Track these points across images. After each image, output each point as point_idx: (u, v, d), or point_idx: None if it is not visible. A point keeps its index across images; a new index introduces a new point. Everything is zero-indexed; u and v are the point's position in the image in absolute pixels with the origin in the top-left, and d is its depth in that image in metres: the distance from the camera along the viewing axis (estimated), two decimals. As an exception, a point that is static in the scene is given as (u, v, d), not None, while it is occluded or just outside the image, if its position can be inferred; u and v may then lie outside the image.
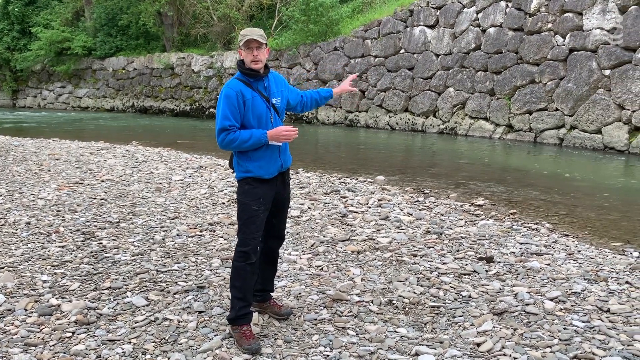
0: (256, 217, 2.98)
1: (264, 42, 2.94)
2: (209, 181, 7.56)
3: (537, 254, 4.61)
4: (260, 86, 3.02)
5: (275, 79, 3.15)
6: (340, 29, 19.03)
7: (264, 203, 3.00)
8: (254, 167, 2.99)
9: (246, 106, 2.95)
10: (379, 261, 4.37)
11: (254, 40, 2.91)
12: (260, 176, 2.99)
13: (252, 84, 3.00)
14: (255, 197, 2.98)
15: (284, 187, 3.16)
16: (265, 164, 2.99)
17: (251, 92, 2.97)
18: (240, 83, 2.99)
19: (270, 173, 3.01)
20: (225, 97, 2.92)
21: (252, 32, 2.94)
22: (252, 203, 2.98)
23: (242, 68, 3.00)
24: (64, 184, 7.17)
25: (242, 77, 3.00)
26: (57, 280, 3.83)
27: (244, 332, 2.93)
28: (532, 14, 13.69)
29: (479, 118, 15.00)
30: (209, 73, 22.27)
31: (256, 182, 3.00)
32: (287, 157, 3.16)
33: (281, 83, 3.18)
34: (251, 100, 2.96)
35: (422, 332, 3.16)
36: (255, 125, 2.98)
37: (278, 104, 3.10)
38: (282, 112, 3.16)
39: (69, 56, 26.25)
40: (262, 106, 2.99)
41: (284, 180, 3.15)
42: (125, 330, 3.10)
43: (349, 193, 6.97)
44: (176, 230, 5.12)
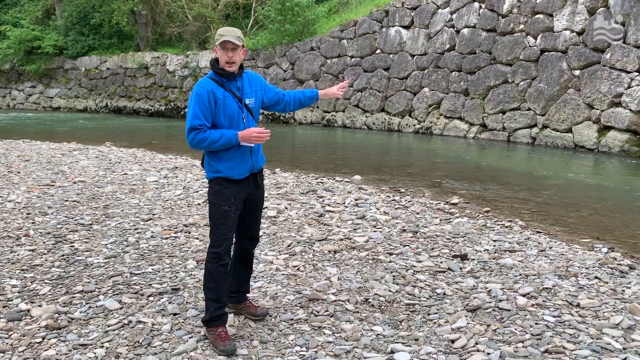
0: (227, 217, 2.95)
1: (240, 44, 2.90)
2: (184, 182, 7.48)
3: (510, 251, 4.69)
4: (232, 86, 2.99)
5: (250, 78, 3.10)
6: (317, 29, 19.06)
7: (234, 203, 2.98)
8: (225, 167, 2.96)
9: (217, 106, 2.92)
10: (356, 260, 4.39)
11: (230, 42, 2.88)
12: (231, 177, 2.97)
13: (224, 83, 2.96)
14: (226, 197, 2.96)
15: (257, 187, 3.12)
16: (236, 164, 2.96)
17: (223, 91, 2.94)
18: (212, 82, 2.96)
19: (241, 174, 2.99)
20: (196, 95, 2.89)
21: (229, 33, 2.90)
22: (223, 204, 2.96)
23: (215, 67, 2.97)
24: (34, 186, 7.00)
25: (214, 77, 2.97)
26: (26, 285, 3.74)
27: (219, 333, 2.90)
28: (505, 15, 13.93)
29: (454, 118, 15.19)
30: (184, 73, 22.03)
31: (227, 183, 2.97)
32: (260, 158, 3.12)
33: (256, 83, 3.13)
34: (222, 100, 2.92)
35: (397, 330, 3.18)
36: (227, 125, 2.95)
37: (252, 104, 3.06)
38: (257, 112, 3.13)
39: (39, 55, 25.65)
40: (234, 106, 2.96)
41: (256, 181, 3.11)
42: (97, 334, 3.05)
43: (326, 193, 6.98)
44: (150, 232, 5.05)
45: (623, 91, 11.39)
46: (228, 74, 2.95)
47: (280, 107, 3.32)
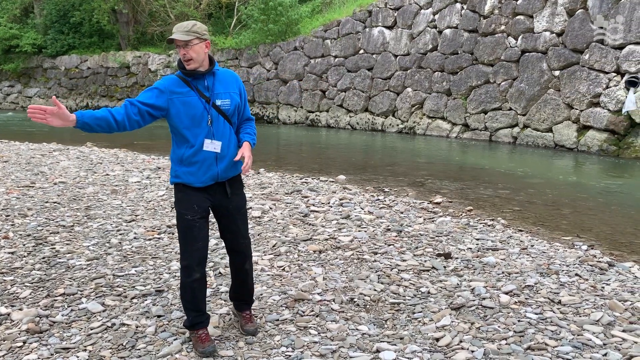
0: (191, 227, 2.75)
1: (188, 38, 2.65)
2: (167, 182, 7.42)
3: (493, 249, 4.75)
4: (200, 85, 2.77)
5: (224, 78, 2.85)
6: (300, 29, 19.04)
7: (199, 212, 2.77)
8: (183, 172, 2.79)
9: (179, 104, 2.72)
10: (341, 260, 4.40)
11: (176, 39, 2.66)
12: (190, 183, 2.78)
13: (190, 82, 2.76)
14: (188, 205, 2.78)
15: (226, 198, 2.87)
16: (196, 170, 2.76)
17: (187, 90, 2.75)
18: (176, 79, 2.78)
19: (201, 181, 2.78)
20: (152, 85, 2.79)
21: (177, 29, 2.69)
22: (185, 212, 2.78)
23: (180, 65, 2.78)
24: (13, 188, 6.87)
25: (180, 74, 2.79)
26: (6, 288, 3.67)
27: (200, 335, 2.86)
28: (486, 16, 14.08)
29: (437, 118, 15.32)
30: (166, 72, 21.81)
31: (188, 189, 2.79)
32: (229, 168, 2.84)
33: (231, 84, 2.87)
34: (184, 98, 2.73)
35: (382, 329, 3.20)
36: (189, 125, 2.74)
37: (224, 106, 2.79)
38: (232, 115, 2.85)
39: (17, 54, 25.18)
40: (199, 106, 2.74)
41: (224, 190, 2.85)
42: (80, 337, 3.00)
43: (310, 193, 6.98)
44: (133, 233, 4.99)
45: (601, 91, 11.60)
46: (194, 72, 2.75)
47: None
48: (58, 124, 2.54)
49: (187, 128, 2.77)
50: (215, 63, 2.83)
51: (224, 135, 2.82)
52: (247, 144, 2.85)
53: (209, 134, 2.78)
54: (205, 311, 2.94)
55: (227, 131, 2.84)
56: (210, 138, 2.77)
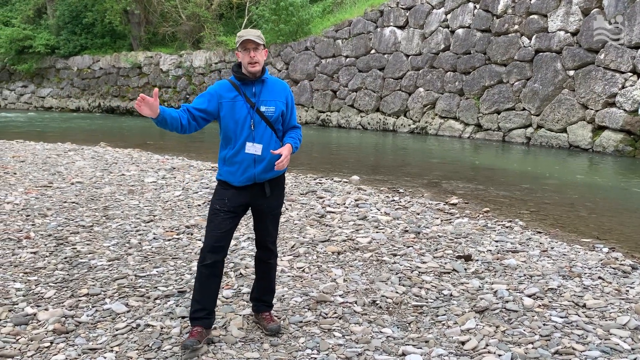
0: (215, 216, 2.93)
1: (261, 42, 2.87)
2: (183, 183, 7.44)
3: (513, 251, 4.72)
4: (248, 91, 2.94)
5: (274, 86, 3.00)
6: (311, 29, 19.05)
7: (227, 205, 2.93)
8: (225, 171, 2.99)
9: (224, 107, 2.91)
10: (360, 261, 4.39)
11: (250, 40, 2.85)
12: (228, 181, 2.96)
13: (240, 87, 2.95)
14: (221, 197, 2.97)
15: (263, 198, 2.99)
16: (235, 170, 2.93)
17: (235, 95, 2.93)
18: (227, 84, 2.97)
19: (239, 181, 2.94)
20: (205, 90, 3.01)
21: (249, 33, 2.88)
22: (216, 202, 2.98)
23: (234, 69, 2.97)
24: (31, 188, 6.93)
25: (232, 79, 2.98)
26: (31, 288, 3.70)
27: (192, 331, 2.90)
28: (500, 15, 14.00)
29: (449, 118, 15.26)
30: (177, 72, 21.95)
31: (226, 186, 2.98)
32: (267, 170, 2.94)
33: (280, 93, 3.00)
34: (231, 102, 2.91)
35: (407, 331, 3.18)
36: (233, 128, 2.93)
37: (268, 112, 2.93)
38: (275, 122, 2.97)
39: (30, 55, 25.43)
40: (243, 110, 2.90)
41: (262, 191, 2.98)
42: (106, 338, 3.02)
43: (325, 193, 6.98)
44: (152, 233, 5.01)
45: (617, 91, 11.49)
46: (245, 77, 2.93)
47: None
48: (147, 113, 2.71)
49: (231, 130, 2.93)
50: (266, 71, 2.99)
51: (264, 139, 2.95)
52: (289, 145, 2.97)
53: (250, 137, 2.91)
54: (209, 309, 2.94)
55: (268, 136, 2.96)
56: (251, 141, 2.91)
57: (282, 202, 3.14)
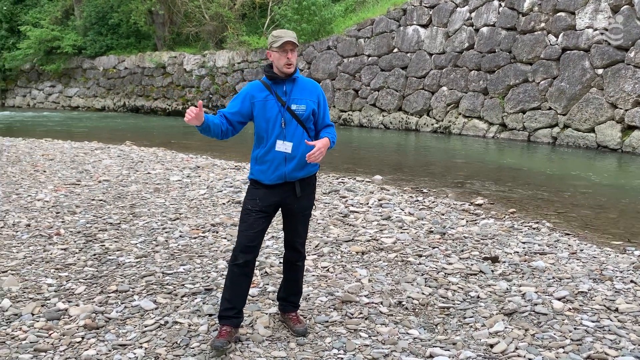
0: (247, 216, 2.95)
1: (298, 44, 2.93)
2: (207, 181, 7.52)
3: (541, 253, 4.64)
4: (279, 90, 2.97)
5: (305, 85, 3.02)
6: (333, 28, 19.03)
7: (259, 205, 2.95)
8: (256, 170, 3.01)
9: (256, 107, 2.95)
10: (384, 262, 4.37)
11: (290, 42, 2.87)
12: (259, 180, 2.98)
13: (271, 86, 2.98)
14: (252, 196, 2.99)
15: (294, 198, 2.99)
16: (266, 169, 2.95)
17: (267, 94, 2.96)
18: (259, 85, 3.00)
19: (269, 179, 2.95)
20: (239, 92, 3.07)
21: (288, 34, 2.90)
22: (247, 202, 3.00)
23: (267, 70, 3.00)
24: (60, 185, 7.08)
25: (264, 79, 3.01)
26: (62, 284, 3.78)
27: (221, 330, 2.92)
28: (525, 13, 13.77)
29: (473, 117, 15.07)
30: (201, 72, 22.15)
31: (258, 185, 3.01)
32: (298, 169, 2.95)
33: (312, 92, 3.02)
34: (263, 102, 2.94)
35: (433, 333, 3.16)
36: (265, 126, 2.95)
37: (299, 110, 2.94)
38: (306, 120, 2.97)
39: (58, 55, 25.97)
40: (274, 109, 2.94)
41: (294, 190, 2.98)
42: (135, 334, 3.07)
43: (348, 193, 6.97)
44: (178, 231, 5.08)
45: (648, 90, 11.19)
46: (276, 76, 2.95)
47: None
48: (194, 122, 2.84)
49: (263, 129, 2.96)
50: (297, 70, 3.02)
51: (295, 137, 2.95)
52: (326, 139, 2.97)
53: (281, 135, 2.93)
54: (239, 309, 2.96)
55: (299, 134, 2.96)
56: (282, 139, 2.93)
57: (312, 203, 3.13)
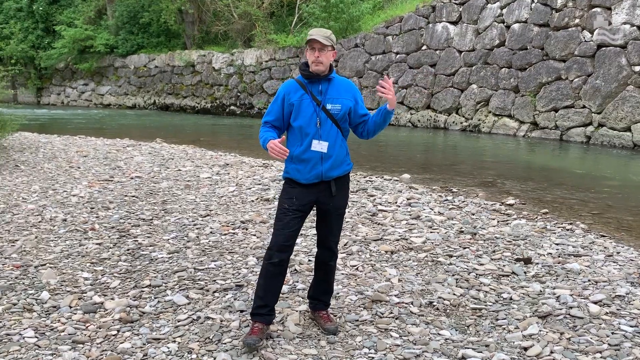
0: (284, 215, 2.96)
1: (327, 43, 2.88)
2: (236, 179, 7.59)
3: (575, 255, 4.53)
4: (314, 89, 2.97)
5: (340, 85, 3.03)
6: (361, 26, 18.95)
7: (295, 204, 2.96)
8: (292, 169, 3.01)
9: (293, 108, 2.96)
10: (414, 261, 4.34)
11: (317, 41, 2.87)
12: (295, 179, 2.99)
13: (306, 85, 2.98)
14: (288, 196, 3.00)
15: (329, 196, 3.00)
16: (302, 168, 2.96)
17: (302, 94, 2.96)
18: (294, 84, 3.00)
19: (306, 179, 2.96)
20: (276, 94, 3.04)
21: (317, 33, 2.91)
22: (284, 201, 3.00)
23: (301, 68, 3.01)
24: (94, 181, 7.26)
25: (299, 78, 3.02)
26: (97, 278, 3.87)
27: (253, 327, 2.94)
28: (559, 9, 13.46)
29: (503, 115, 14.82)
30: (229, 70, 22.37)
31: (293, 183, 3.02)
32: (334, 168, 2.96)
33: (347, 91, 3.02)
34: (299, 102, 2.95)
35: (465, 334, 3.12)
36: (300, 126, 2.96)
37: (334, 110, 2.95)
38: (341, 120, 2.99)
39: (91, 54, 26.60)
40: (309, 109, 2.94)
41: (329, 189, 2.99)
42: (168, 329, 3.12)
43: (376, 191, 6.93)
44: (209, 228, 5.14)
45: (688, 88, 10.81)
46: (311, 75, 2.95)
47: (359, 132, 3.11)
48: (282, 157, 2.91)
49: (298, 128, 2.97)
50: (333, 70, 3.02)
51: (330, 137, 2.96)
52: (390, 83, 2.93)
53: (317, 135, 2.93)
54: (271, 306, 2.99)
55: (334, 133, 2.97)
56: (317, 139, 2.93)
57: (347, 202, 3.14)
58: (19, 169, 8.13)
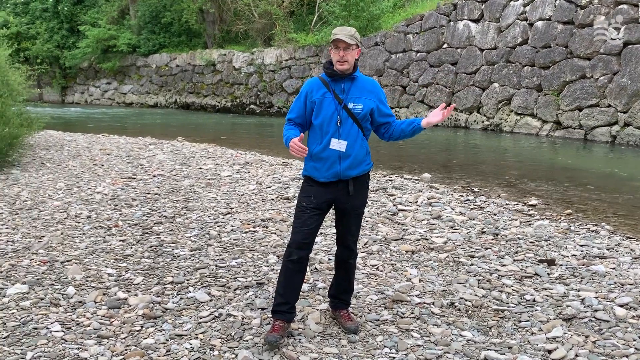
0: (302, 213, 2.97)
1: (352, 42, 2.87)
2: (256, 177, 7.63)
3: (601, 257, 4.45)
4: (337, 87, 2.97)
5: (363, 84, 3.01)
6: (381, 24, 18.87)
7: (313, 202, 2.97)
8: (310, 167, 3.02)
9: (315, 105, 2.96)
10: (435, 262, 4.31)
11: (341, 40, 2.87)
12: (313, 177, 3.00)
13: (329, 83, 2.98)
14: (307, 194, 3.01)
15: (347, 196, 2.98)
16: (320, 166, 2.96)
17: (324, 92, 2.96)
18: (317, 82, 3.01)
19: (324, 177, 2.96)
20: (299, 92, 3.05)
21: (342, 32, 2.90)
22: (302, 199, 3.01)
23: (325, 66, 3.01)
24: (117, 179, 7.38)
25: (323, 76, 3.02)
26: (121, 274, 3.94)
27: (274, 325, 2.96)
28: (584, 6, 13.20)
29: (526, 114, 14.61)
30: (249, 69, 22.50)
31: (312, 181, 3.02)
32: (352, 167, 2.95)
33: (369, 91, 3.00)
34: (320, 99, 2.95)
35: (487, 336, 3.09)
36: (321, 124, 2.96)
37: (356, 109, 2.94)
38: (363, 119, 2.97)
39: (114, 53, 27.05)
40: (331, 107, 2.93)
41: (347, 189, 2.98)
42: (191, 325, 3.16)
43: (396, 191, 6.90)
44: (230, 225, 5.18)
45: None
46: (335, 74, 2.95)
47: (381, 132, 3.10)
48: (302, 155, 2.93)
49: (319, 126, 2.97)
50: (357, 69, 3.01)
51: (350, 136, 2.96)
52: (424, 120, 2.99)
53: (336, 134, 2.93)
54: (292, 304, 3.00)
55: (355, 133, 2.96)
56: (337, 137, 2.92)
57: (365, 201, 3.12)
58: (44, 167, 8.30)
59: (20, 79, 9.86)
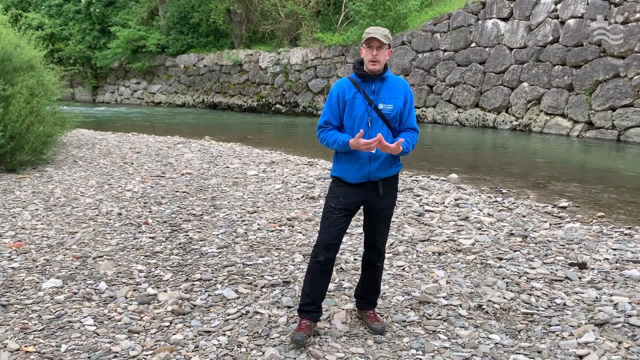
0: (330, 214, 2.96)
1: (386, 42, 2.85)
2: (282, 177, 7.68)
3: (634, 262, 4.33)
4: (367, 88, 2.94)
5: (394, 84, 2.97)
6: (408, 23, 18.74)
7: (342, 203, 2.95)
8: (339, 168, 3.01)
9: (346, 106, 2.94)
10: (463, 263, 4.26)
11: (376, 39, 2.84)
12: (343, 178, 2.98)
13: (359, 84, 2.95)
14: (335, 194, 3.00)
15: (376, 197, 2.97)
16: (350, 167, 2.95)
17: (355, 92, 2.94)
18: (347, 82, 2.98)
19: (354, 178, 2.95)
20: (329, 95, 3.00)
21: (376, 31, 2.87)
22: (331, 200, 3.00)
23: (355, 67, 2.98)
24: (147, 177, 7.52)
25: (353, 76, 2.99)
26: (151, 270, 4.02)
27: (300, 324, 2.97)
28: (619, 3, 12.85)
29: (556, 114, 14.30)
30: (275, 69, 22.62)
31: (341, 182, 3.01)
32: (382, 169, 2.93)
33: (400, 91, 2.97)
34: (351, 100, 2.92)
35: (516, 339, 3.04)
36: (349, 125, 2.95)
37: (386, 110, 2.92)
38: (393, 120, 2.95)
39: (144, 54, 27.55)
40: (361, 108, 2.91)
41: (376, 189, 2.96)
42: (218, 322, 3.20)
43: (422, 191, 6.85)
44: (257, 224, 5.23)
45: None
46: (365, 74, 2.93)
47: None
48: None
49: (349, 127, 2.96)
50: (387, 69, 2.99)
51: None
52: (401, 140, 2.82)
53: (367, 135, 2.90)
54: (318, 304, 3.01)
55: (385, 134, 2.93)
56: (367, 138, 2.88)
57: (394, 202, 3.11)
58: (77, 164, 8.52)
59: (55, 79, 10.12)
